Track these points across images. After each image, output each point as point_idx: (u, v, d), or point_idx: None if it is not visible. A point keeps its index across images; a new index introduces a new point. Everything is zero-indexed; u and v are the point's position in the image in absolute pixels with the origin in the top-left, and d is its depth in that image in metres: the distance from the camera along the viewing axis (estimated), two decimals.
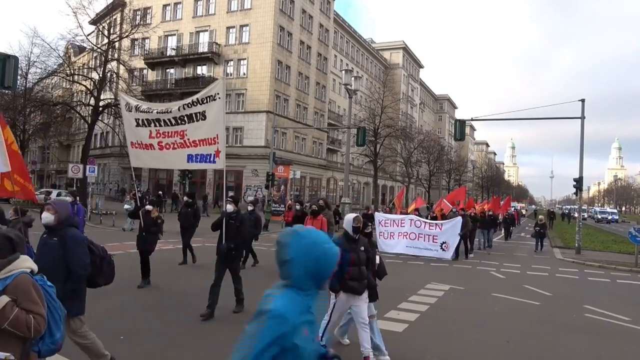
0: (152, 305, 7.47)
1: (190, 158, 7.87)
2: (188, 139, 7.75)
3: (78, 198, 12.21)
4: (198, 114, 7.62)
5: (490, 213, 21.97)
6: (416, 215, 17.51)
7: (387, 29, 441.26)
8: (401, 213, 19.34)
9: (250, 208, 11.77)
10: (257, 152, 38.49)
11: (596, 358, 6.17)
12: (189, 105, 7.69)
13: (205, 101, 7.58)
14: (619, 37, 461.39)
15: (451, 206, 20.03)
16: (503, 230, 26.57)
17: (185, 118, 7.73)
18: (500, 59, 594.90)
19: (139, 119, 8.06)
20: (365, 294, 5.15)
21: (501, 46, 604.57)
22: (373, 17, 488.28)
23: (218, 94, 7.57)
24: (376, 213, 17.45)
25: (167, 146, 7.91)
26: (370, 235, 5.29)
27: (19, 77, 23.63)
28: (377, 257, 5.55)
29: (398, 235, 15.77)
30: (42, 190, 34.85)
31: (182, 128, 7.75)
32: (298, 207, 12.91)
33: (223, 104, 7.61)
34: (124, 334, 5.79)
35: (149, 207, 8.98)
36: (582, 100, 19.62)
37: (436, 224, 15.62)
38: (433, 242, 15.17)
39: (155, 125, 7.90)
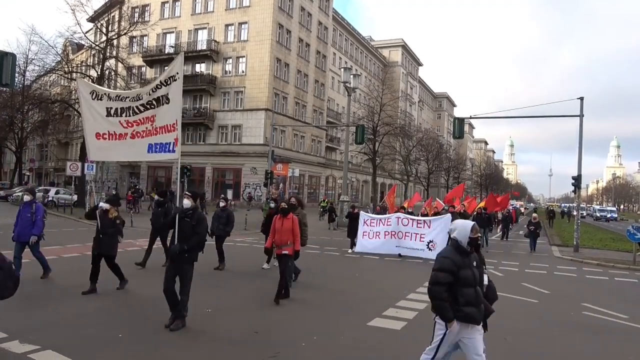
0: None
1: (150, 148, 7.09)
2: (155, 127, 7.01)
3: (44, 195, 11.68)
4: (163, 97, 6.91)
5: (485, 211, 20.70)
6: (403, 212, 16.35)
7: (386, 27, 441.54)
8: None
9: (222, 204, 11.20)
10: (255, 150, 38.46)
11: (594, 356, 6.18)
12: (156, 88, 6.98)
13: (168, 82, 6.88)
14: (618, 36, 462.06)
15: (444, 204, 19.58)
16: (500, 229, 25.22)
17: (154, 102, 6.99)
18: (500, 57, 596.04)
19: (110, 108, 7.27)
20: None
21: (500, 44, 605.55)
22: (372, 15, 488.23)
23: (178, 73, 6.84)
24: (362, 212, 16.22)
25: (139, 135, 7.15)
26: (479, 246, 4.22)
27: (16, 75, 23.56)
28: (485, 277, 4.40)
29: (384, 234, 14.92)
30: (40, 188, 34.74)
31: (153, 113, 7.01)
32: (273, 204, 11.47)
33: (181, 86, 6.92)
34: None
35: (105, 205, 7.93)
36: (581, 99, 19.62)
37: (424, 221, 14.82)
38: (420, 240, 14.35)
39: (128, 115, 7.16)
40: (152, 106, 6.99)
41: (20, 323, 5.97)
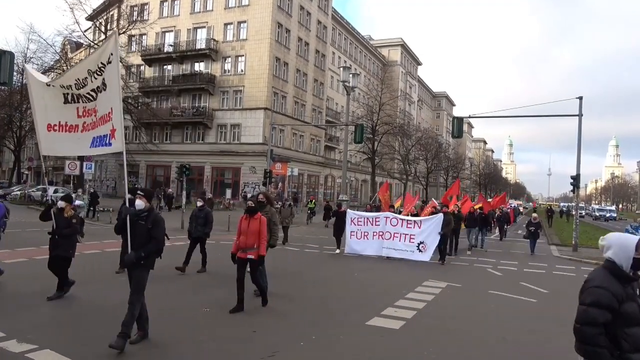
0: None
1: (93, 141, 6.28)
2: (98, 117, 6.22)
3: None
4: (101, 85, 6.12)
5: (480, 211, 19.92)
6: (392, 212, 15.71)
7: (385, 26, 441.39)
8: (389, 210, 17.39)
9: (199, 204, 10.47)
10: (254, 149, 38.44)
11: None
12: (98, 74, 6.08)
13: (102, 69, 6.00)
14: (617, 35, 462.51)
15: (438, 204, 18.67)
16: (498, 229, 24.80)
17: (93, 92, 6.21)
18: (499, 56, 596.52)
19: (67, 95, 6.48)
20: None
21: (500, 44, 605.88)
22: (371, 14, 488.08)
23: (112, 54, 5.92)
24: (348, 211, 15.60)
25: (86, 127, 6.36)
26: None
27: (15, 73, 23.54)
28: None
29: (373, 235, 14.26)
30: (39, 187, 34.69)
31: (95, 104, 6.27)
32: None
33: (117, 68, 6.00)
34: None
35: (61, 203, 7.39)
36: (580, 98, 19.64)
37: (414, 221, 14.13)
38: (409, 242, 13.73)
39: (83, 101, 6.36)
40: (92, 97, 6.25)
41: (18, 322, 5.96)
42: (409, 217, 15.00)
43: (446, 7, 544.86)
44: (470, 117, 23.54)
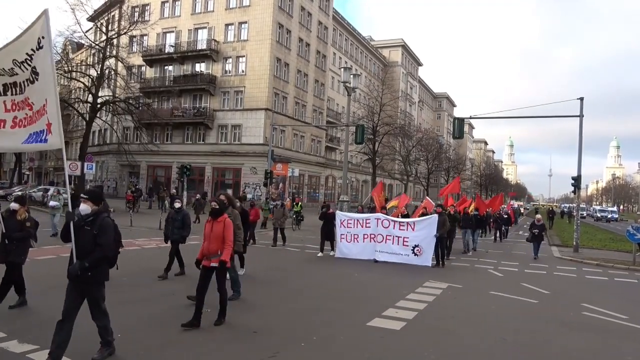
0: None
1: (29, 137, 5.48)
2: (34, 111, 5.40)
3: None
4: (31, 76, 5.28)
5: (476, 212, 19.16)
6: (384, 213, 14.71)
7: (386, 27, 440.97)
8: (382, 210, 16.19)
9: (177, 205, 9.93)
10: (255, 150, 38.45)
11: (593, 356, 6.17)
12: (27, 64, 5.20)
13: (32, 55, 5.11)
14: (618, 36, 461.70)
15: (434, 204, 17.77)
16: (493, 231, 24.13)
17: (26, 82, 5.36)
18: (500, 57, 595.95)
19: None
20: None
21: (501, 44, 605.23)
22: (372, 15, 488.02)
23: (43, 37, 5.03)
24: (337, 212, 14.84)
25: (22, 122, 5.54)
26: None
27: None
28: None
29: (364, 237, 13.53)
30: (40, 187, 34.74)
31: (27, 95, 5.42)
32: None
33: (51, 53, 5.15)
34: None
35: (14, 205, 6.95)
36: (581, 99, 19.62)
37: (407, 223, 13.36)
38: (404, 245, 12.95)
39: (12, 94, 5.51)
40: (21, 90, 5.45)
41: (19, 322, 5.97)
42: (401, 219, 14.10)
43: (446, 8, 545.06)
44: (471, 117, 23.55)
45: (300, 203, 25.62)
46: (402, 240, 12.98)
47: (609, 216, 63.45)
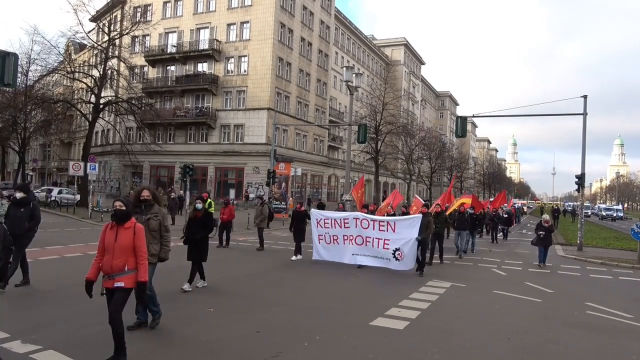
0: None
1: None
2: None
3: None
4: None
5: (471, 211, 17.52)
6: (365, 212, 13.09)
7: (389, 25, 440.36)
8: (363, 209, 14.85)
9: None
10: (258, 150, 38.49)
11: (597, 355, 6.13)
12: None
13: None
14: (622, 33, 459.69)
15: (423, 202, 16.59)
16: (490, 231, 22.50)
17: None
18: (503, 55, 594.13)
19: None
20: None
21: (504, 42, 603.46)
22: (374, 14, 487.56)
23: None
24: (313, 211, 13.36)
25: None
26: None
27: (19, 75, 23.65)
28: None
29: (343, 239, 12.27)
30: (44, 188, 34.86)
31: None
32: (199, 205, 8.72)
33: None
34: None
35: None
36: (585, 97, 19.51)
37: (388, 222, 11.71)
38: (384, 248, 11.50)
39: None
40: None
41: (22, 323, 5.97)
42: (381, 218, 12.59)
43: (448, 6, 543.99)
44: (474, 116, 23.48)
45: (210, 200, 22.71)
46: (382, 242, 11.56)
47: (615, 215, 62.66)
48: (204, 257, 8.63)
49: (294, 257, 13.00)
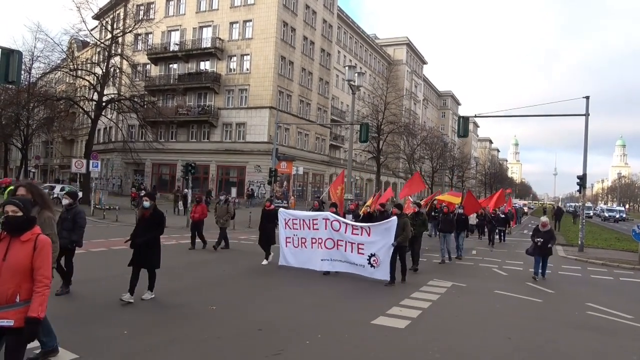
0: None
1: None
2: None
3: None
4: None
5: (460, 211, 16.11)
6: (333, 212, 11.49)
7: (391, 25, 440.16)
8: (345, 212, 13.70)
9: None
10: (259, 148, 38.51)
11: (597, 355, 6.16)
12: None
13: None
14: (624, 34, 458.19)
15: (412, 199, 15.52)
16: (488, 233, 21.24)
17: None
18: (506, 54, 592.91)
19: None
20: None
21: (507, 42, 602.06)
22: (377, 13, 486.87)
23: None
24: (281, 210, 12.08)
25: None
26: None
27: (22, 72, 23.66)
28: None
29: (312, 242, 10.91)
30: (46, 185, 34.94)
31: None
32: (147, 204, 7.54)
33: None
34: None
35: None
36: (587, 98, 19.52)
37: (362, 227, 10.45)
38: (358, 253, 10.25)
39: None
40: None
41: None
42: (354, 223, 11.05)
43: (451, 5, 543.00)
44: (475, 116, 23.46)
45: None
46: (356, 247, 10.33)
47: (617, 216, 62.25)
48: (156, 263, 7.47)
49: (264, 262, 11.70)
